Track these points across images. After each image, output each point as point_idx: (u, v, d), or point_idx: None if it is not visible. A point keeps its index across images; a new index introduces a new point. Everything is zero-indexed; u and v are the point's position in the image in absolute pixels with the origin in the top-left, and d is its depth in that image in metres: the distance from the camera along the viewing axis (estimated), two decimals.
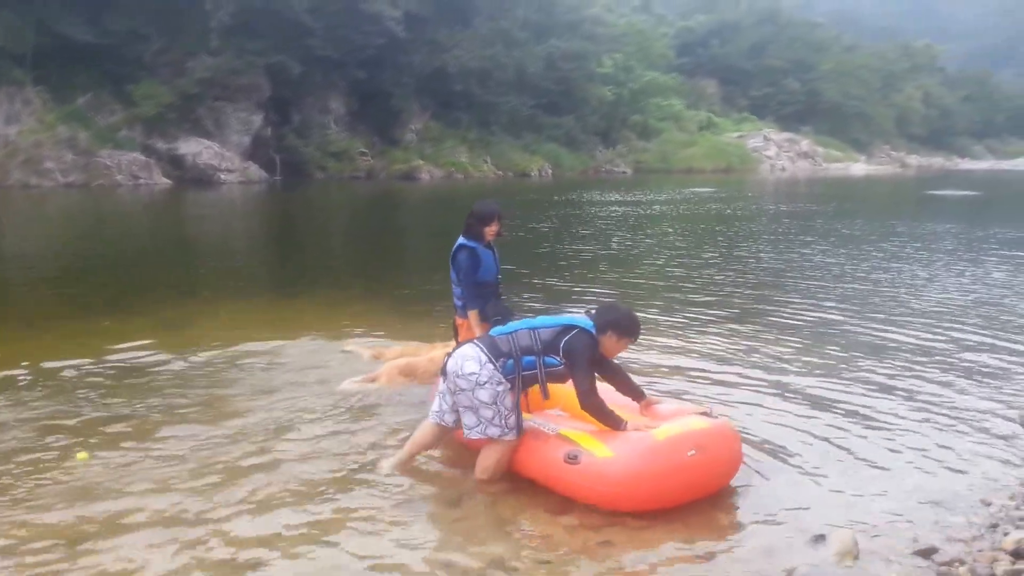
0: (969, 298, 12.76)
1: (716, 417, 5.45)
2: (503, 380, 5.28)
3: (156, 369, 7.93)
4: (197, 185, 38.88)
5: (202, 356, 8.38)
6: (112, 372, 7.78)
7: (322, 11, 45.31)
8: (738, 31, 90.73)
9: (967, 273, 15.45)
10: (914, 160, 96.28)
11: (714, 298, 12.59)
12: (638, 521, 4.87)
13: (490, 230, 6.53)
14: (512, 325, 5.50)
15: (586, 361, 5.26)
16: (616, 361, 5.69)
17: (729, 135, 77.82)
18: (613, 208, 30.55)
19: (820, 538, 4.69)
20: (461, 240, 6.55)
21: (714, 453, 5.10)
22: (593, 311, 5.47)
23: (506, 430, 5.30)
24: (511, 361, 5.30)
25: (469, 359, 5.33)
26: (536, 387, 5.46)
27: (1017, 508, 5.17)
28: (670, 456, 4.93)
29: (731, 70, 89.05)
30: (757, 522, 4.98)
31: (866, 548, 4.62)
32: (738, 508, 5.19)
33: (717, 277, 14.95)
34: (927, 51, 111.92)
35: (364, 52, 47.92)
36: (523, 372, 5.33)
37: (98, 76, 40.09)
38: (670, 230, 23.96)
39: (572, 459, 4.98)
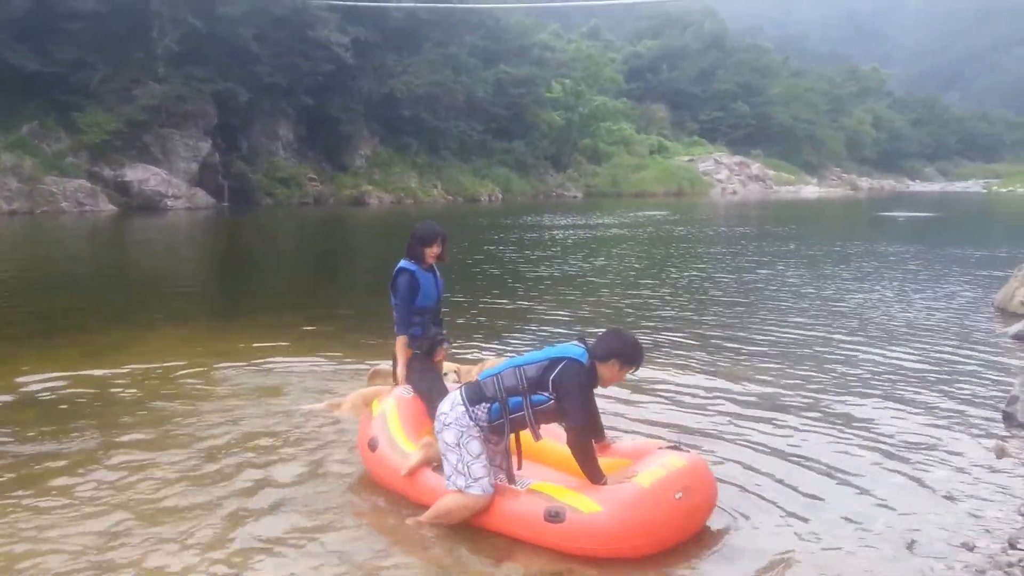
0: (934, 318, 12.90)
1: (687, 451, 5.39)
2: (471, 424, 5.04)
3: (79, 399, 7.79)
4: (144, 212, 38.72)
5: (130, 381, 8.28)
6: (34, 403, 7.67)
7: (269, 38, 45.61)
8: (686, 56, 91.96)
9: (927, 291, 15.72)
10: (865, 183, 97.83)
11: (672, 321, 12.62)
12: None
13: (431, 252, 6.26)
14: (498, 366, 5.24)
15: (579, 392, 4.99)
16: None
17: (680, 159, 78.73)
18: (567, 232, 30.64)
19: None
20: (402, 263, 6.30)
21: (698, 493, 5.02)
22: (586, 339, 5.17)
23: (470, 481, 4.99)
24: (496, 404, 5.04)
25: (446, 400, 5.21)
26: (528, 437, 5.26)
27: (1005, 552, 4.89)
28: (659, 503, 4.78)
29: (680, 94, 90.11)
30: (728, 568, 4.81)
31: None
32: (712, 556, 4.95)
33: (675, 299, 15.03)
34: (874, 75, 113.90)
35: (312, 78, 48.21)
36: (511, 415, 5.05)
37: (44, 104, 39.99)
38: (626, 253, 24.07)
39: (555, 517, 4.73)
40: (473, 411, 5.05)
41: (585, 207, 49.00)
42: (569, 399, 4.93)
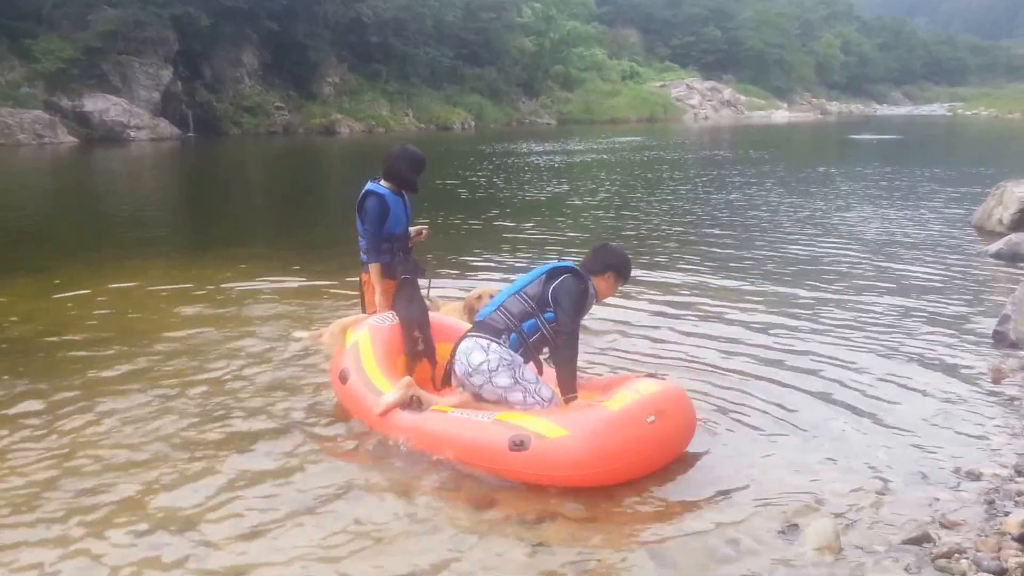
0: (914, 239, 12.76)
1: (663, 378, 5.15)
2: (514, 354, 5.00)
3: (30, 335, 7.39)
4: (105, 143, 37.25)
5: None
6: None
7: None
8: None
9: (904, 212, 15.67)
10: (834, 107, 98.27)
11: (656, 243, 12.46)
12: (578, 512, 4.34)
13: (418, 178, 5.99)
14: (494, 300, 5.21)
15: (577, 299, 4.98)
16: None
17: (652, 84, 77.95)
18: (544, 158, 30.31)
19: (792, 528, 4.09)
20: (371, 186, 5.86)
21: (673, 418, 4.77)
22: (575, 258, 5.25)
23: (547, 404, 4.97)
24: (514, 334, 5.00)
25: (473, 350, 5.02)
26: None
27: (1013, 480, 4.62)
28: (629, 426, 4.55)
29: (652, 19, 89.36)
30: (715, 504, 4.41)
31: (846, 538, 3.98)
32: (693, 488, 4.62)
33: (657, 221, 14.88)
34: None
35: (276, 2, 46.19)
36: (529, 339, 5.03)
37: None
38: (605, 178, 23.87)
39: (519, 446, 4.50)
40: (503, 342, 4.97)
41: (559, 134, 48.46)
42: (565, 303, 4.91)
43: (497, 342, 4.97)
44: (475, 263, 11.16)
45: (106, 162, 30.77)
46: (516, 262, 11.12)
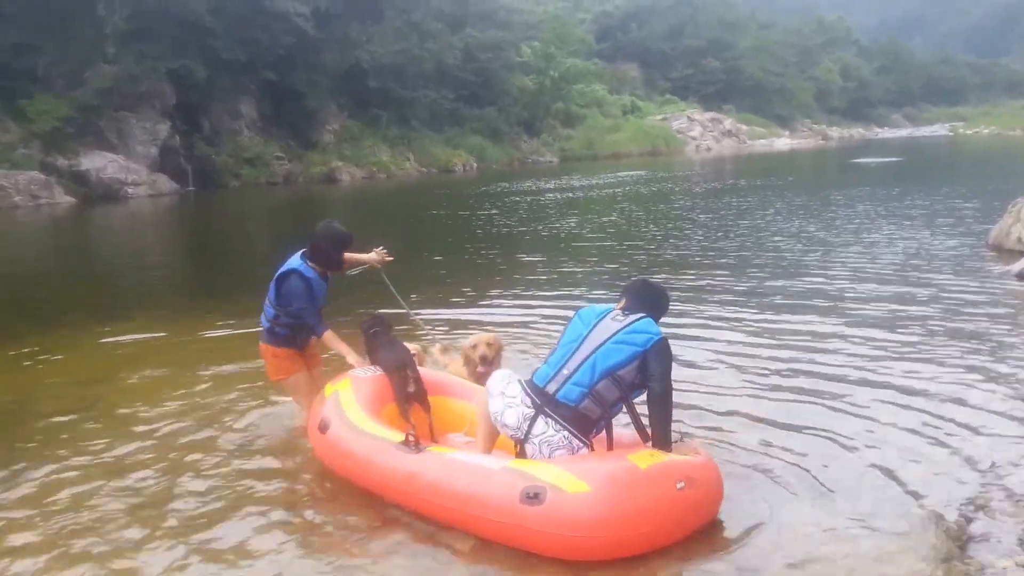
0: (932, 263, 12.50)
1: (691, 441, 4.76)
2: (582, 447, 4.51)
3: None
4: (103, 201, 36.72)
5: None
6: None
7: (223, 11, 42.97)
8: (655, 13, 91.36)
9: (918, 235, 15.36)
10: (835, 132, 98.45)
11: (672, 276, 12.24)
12: None
13: (344, 256, 5.99)
14: (580, 372, 4.47)
15: (670, 363, 4.59)
16: None
17: (653, 118, 77.79)
18: (548, 196, 30.18)
19: None
20: (297, 266, 5.77)
21: (702, 487, 4.29)
22: (629, 302, 4.77)
23: None
24: (602, 422, 4.53)
25: (559, 448, 4.44)
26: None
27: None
28: (657, 489, 4.07)
29: (651, 53, 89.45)
30: None
31: None
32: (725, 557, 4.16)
33: (668, 255, 14.72)
34: (840, 24, 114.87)
35: (273, 52, 45.78)
36: (610, 424, 4.62)
37: None
38: (617, 212, 23.78)
39: (533, 498, 3.96)
40: (584, 440, 4.45)
41: (561, 171, 48.19)
42: (663, 371, 4.46)
43: (587, 444, 4.45)
44: (475, 301, 11.11)
45: (101, 221, 30.37)
46: (520, 300, 11.06)
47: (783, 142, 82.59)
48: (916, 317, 8.99)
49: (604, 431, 4.55)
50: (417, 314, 7.29)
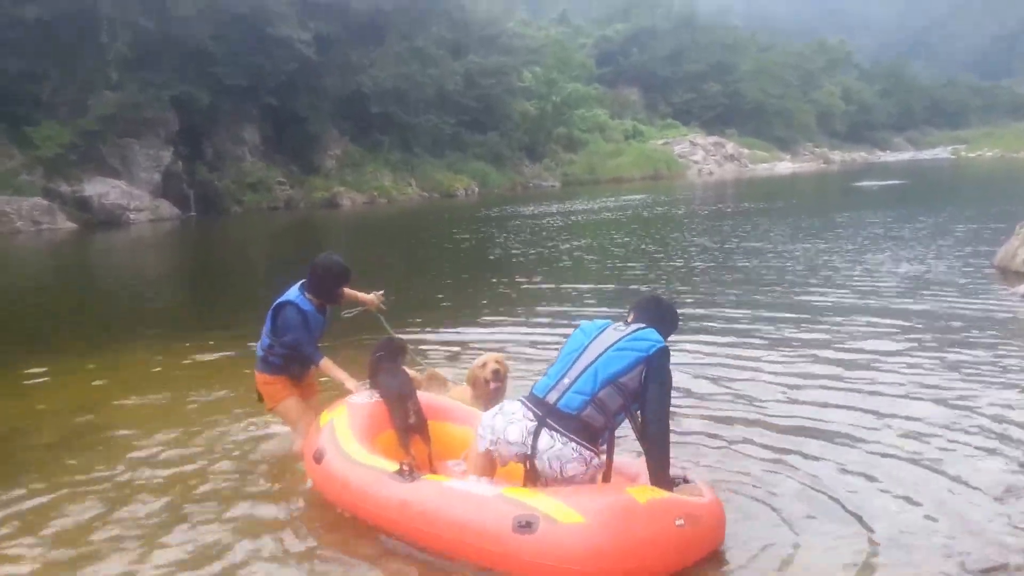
0: (937, 285, 12.45)
1: (693, 482, 4.57)
2: (601, 459, 4.49)
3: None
4: (105, 227, 36.80)
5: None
6: None
7: (226, 37, 43.25)
8: (656, 37, 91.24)
9: (922, 258, 15.34)
10: (837, 156, 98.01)
11: (678, 296, 12.24)
12: None
13: (343, 290, 6.05)
14: (581, 380, 4.40)
15: (670, 378, 4.53)
16: None
17: (655, 142, 77.74)
18: (551, 220, 30.39)
19: None
20: (297, 299, 5.83)
21: (703, 525, 4.22)
22: (636, 317, 4.75)
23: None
24: (606, 432, 4.47)
25: (571, 461, 4.36)
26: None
27: None
28: (655, 525, 4.01)
29: (652, 77, 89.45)
30: None
31: None
32: None
33: (669, 277, 14.77)
34: (841, 47, 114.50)
35: (275, 78, 45.95)
36: (614, 436, 4.59)
37: None
38: (613, 233, 24.12)
39: (525, 527, 3.91)
40: (593, 450, 4.40)
41: (564, 195, 48.30)
42: (663, 392, 4.40)
43: (597, 454, 4.41)
44: (476, 324, 11.17)
45: (102, 247, 30.52)
46: (523, 322, 11.11)
47: (784, 166, 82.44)
48: (922, 338, 8.95)
49: (605, 454, 4.50)
50: (419, 355, 7.34)
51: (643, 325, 4.58)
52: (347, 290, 6.15)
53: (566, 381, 4.42)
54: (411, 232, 29.52)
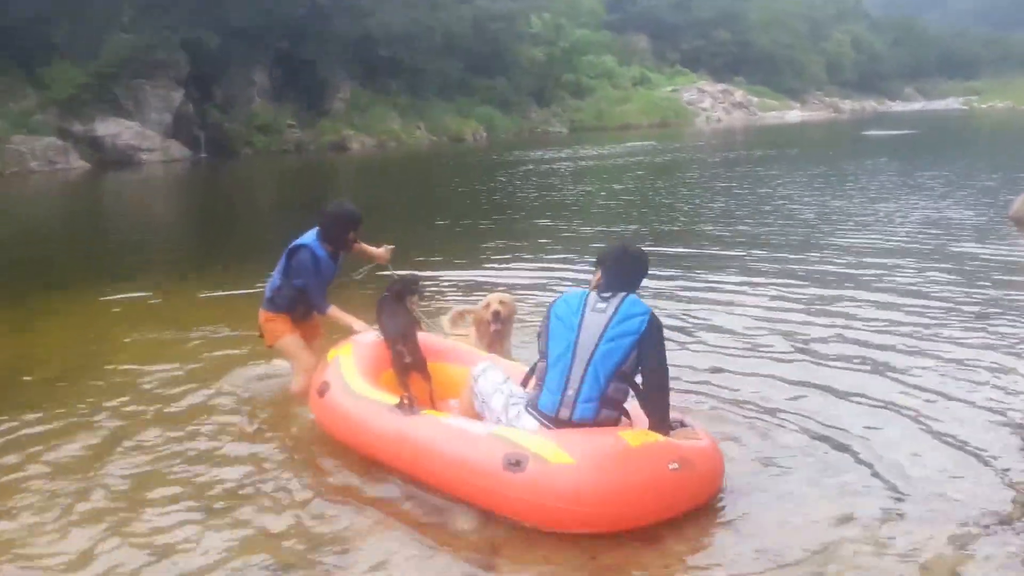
0: (954, 236, 12.22)
1: (691, 427, 4.50)
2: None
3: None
4: (117, 167, 37.26)
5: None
6: None
7: None
8: None
9: (936, 208, 15.12)
10: (847, 105, 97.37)
11: (683, 248, 11.95)
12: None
13: (353, 236, 5.99)
14: (589, 389, 4.24)
15: (663, 342, 4.40)
16: None
17: (663, 89, 77.27)
18: (561, 164, 30.24)
19: None
20: (312, 243, 5.85)
21: (699, 470, 4.17)
22: (611, 267, 4.49)
23: None
24: (621, 411, 4.42)
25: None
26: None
27: None
28: (646, 469, 3.99)
29: (661, 24, 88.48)
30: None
31: None
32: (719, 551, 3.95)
33: (679, 221, 14.69)
34: None
35: (285, 22, 46.11)
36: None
37: (6, 61, 38.05)
38: (624, 181, 23.72)
39: (514, 465, 3.95)
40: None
41: (571, 141, 48.12)
42: (660, 359, 4.31)
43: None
44: (489, 264, 11.22)
45: (114, 186, 30.91)
46: (534, 263, 11.18)
47: (794, 114, 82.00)
48: (938, 288, 8.73)
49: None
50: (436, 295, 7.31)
51: (622, 295, 4.35)
52: (358, 244, 6.16)
53: (570, 393, 4.26)
54: (422, 176, 29.44)
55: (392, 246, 6.43)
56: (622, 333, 4.21)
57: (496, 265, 11.25)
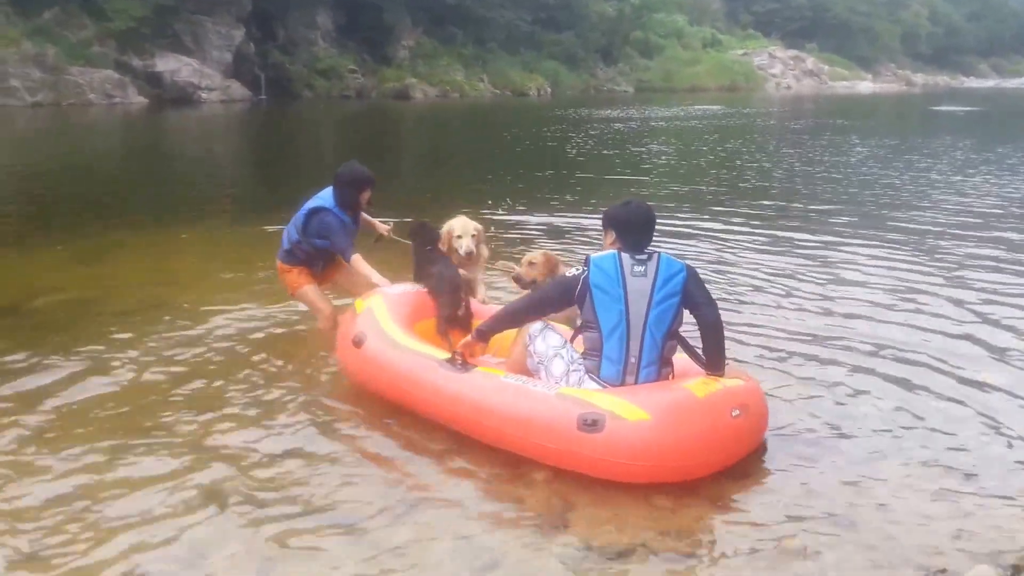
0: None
1: (735, 367, 4.71)
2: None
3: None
4: (176, 104, 36.49)
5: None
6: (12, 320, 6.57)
7: None
8: None
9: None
10: (919, 79, 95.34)
11: (752, 213, 11.80)
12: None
13: (365, 197, 5.97)
14: (650, 352, 4.35)
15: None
16: None
17: (734, 53, 75.79)
18: (629, 123, 29.71)
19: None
20: (325, 204, 5.86)
21: (755, 414, 4.32)
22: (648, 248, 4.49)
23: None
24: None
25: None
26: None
27: None
28: (715, 417, 4.09)
29: None
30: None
31: None
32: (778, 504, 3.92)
33: (751, 185, 14.56)
34: None
35: None
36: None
37: None
38: (695, 142, 23.36)
39: (591, 426, 3.93)
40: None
41: (638, 101, 47.21)
42: (705, 291, 4.46)
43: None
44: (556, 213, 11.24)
45: (174, 124, 30.18)
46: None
47: (865, 85, 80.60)
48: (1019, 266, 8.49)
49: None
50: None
51: (656, 256, 4.43)
52: (365, 216, 6.22)
53: (632, 361, 4.36)
54: (488, 128, 28.88)
55: (391, 225, 6.52)
56: (668, 294, 4.33)
57: (563, 214, 11.29)
